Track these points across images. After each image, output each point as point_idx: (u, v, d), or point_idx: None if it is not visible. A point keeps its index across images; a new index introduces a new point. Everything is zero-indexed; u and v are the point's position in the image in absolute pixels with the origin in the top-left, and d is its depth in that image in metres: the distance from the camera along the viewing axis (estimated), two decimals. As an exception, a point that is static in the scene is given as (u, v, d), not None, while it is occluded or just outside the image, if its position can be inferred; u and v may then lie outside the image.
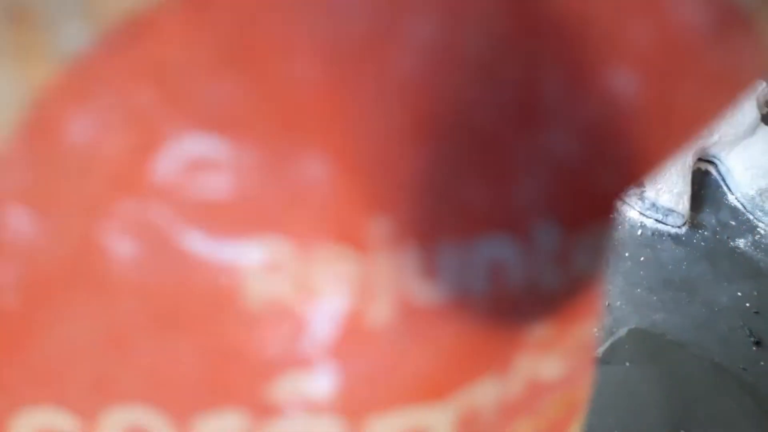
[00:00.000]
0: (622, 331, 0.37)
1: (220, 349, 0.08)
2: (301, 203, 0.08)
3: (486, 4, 0.07)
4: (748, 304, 0.38)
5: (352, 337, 0.08)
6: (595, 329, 0.10)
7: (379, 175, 0.08)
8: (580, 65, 0.08)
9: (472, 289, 0.08)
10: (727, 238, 0.41)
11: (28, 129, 0.08)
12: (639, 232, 0.41)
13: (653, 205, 0.41)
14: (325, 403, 0.08)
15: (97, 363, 0.08)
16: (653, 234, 0.41)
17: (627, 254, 0.40)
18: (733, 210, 0.42)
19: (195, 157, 0.08)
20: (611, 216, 0.08)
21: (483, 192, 0.08)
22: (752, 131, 0.43)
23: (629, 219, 0.41)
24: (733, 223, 0.42)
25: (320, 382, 0.08)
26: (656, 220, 0.41)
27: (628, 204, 0.41)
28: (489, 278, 0.08)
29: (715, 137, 0.42)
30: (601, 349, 0.36)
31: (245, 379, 0.09)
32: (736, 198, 0.42)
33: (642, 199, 0.41)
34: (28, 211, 0.08)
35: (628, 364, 0.36)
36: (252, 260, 0.08)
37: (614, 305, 0.38)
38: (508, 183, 0.08)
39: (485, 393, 0.09)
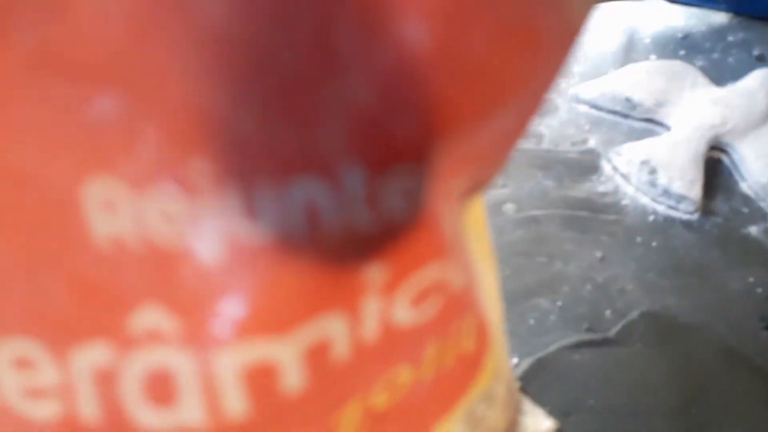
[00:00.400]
0: (634, 314, 0.37)
1: (81, 284, 0.09)
2: (124, 144, 0.08)
3: None
4: (759, 290, 0.39)
5: (193, 273, 0.09)
6: (458, 280, 0.11)
7: (191, 118, 0.08)
8: (373, 15, 0.08)
9: (291, 230, 0.09)
10: (739, 225, 0.41)
11: None
12: (651, 218, 0.41)
13: (666, 191, 0.41)
14: (176, 335, 0.09)
15: None
16: (665, 220, 0.41)
17: (639, 240, 0.40)
18: (745, 197, 0.42)
19: (20, 92, 0.08)
20: (417, 160, 0.09)
21: (291, 137, 0.08)
22: (765, 120, 0.44)
23: (641, 205, 0.41)
24: (745, 210, 0.42)
25: (170, 315, 0.09)
26: (668, 206, 0.41)
27: (641, 190, 0.42)
28: (306, 220, 0.09)
29: (728, 125, 0.43)
30: (613, 331, 0.37)
31: (105, 313, 0.09)
32: (748, 186, 0.43)
33: (654, 185, 0.41)
34: None
35: (639, 345, 0.36)
36: (89, 195, 0.09)
37: (626, 289, 0.38)
38: (313, 128, 0.08)
39: (333, 330, 0.10)
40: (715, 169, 0.43)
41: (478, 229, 0.14)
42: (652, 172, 0.41)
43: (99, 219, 0.09)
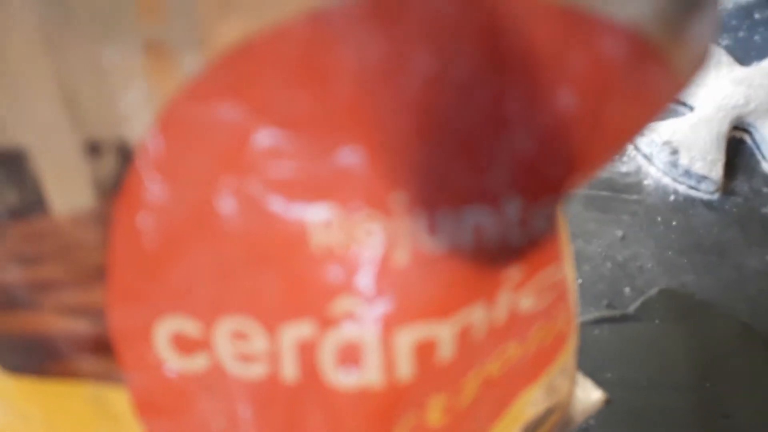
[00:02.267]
0: (653, 291, 0.38)
1: (295, 279, 0.13)
2: (346, 181, 0.12)
3: (466, 43, 0.11)
4: (776, 269, 0.40)
5: (383, 273, 0.13)
6: (567, 275, 0.14)
7: (397, 163, 0.12)
8: (535, 86, 0.11)
9: (461, 243, 0.12)
10: (759, 205, 0.42)
11: (162, 123, 0.11)
12: (672, 198, 0.42)
13: (686, 171, 0.42)
14: (366, 317, 0.13)
15: (213, 286, 0.13)
16: (685, 200, 0.42)
17: (659, 219, 0.41)
18: (766, 178, 0.43)
19: (274, 147, 0.12)
20: (559, 193, 0.12)
21: (468, 176, 0.12)
22: (787, 100, 0.45)
23: (662, 185, 0.43)
24: (766, 190, 0.43)
25: (363, 303, 0.13)
26: (689, 186, 0.42)
27: (662, 171, 0.43)
28: (473, 236, 0.12)
29: (751, 105, 0.44)
30: (632, 308, 0.38)
31: (313, 300, 0.13)
32: (769, 166, 0.44)
33: (676, 166, 0.42)
34: (162, 180, 0.11)
35: (657, 321, 0.37)
36: (313, 218, 0.12)
37: (646, 267, 0.40)
38: (486, 170, 0.12)
39: (477, 315, 0.13)
40: (737, 149, 0.44)
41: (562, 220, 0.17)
42: (674, 152, 0.42)
43: (317, 232, 0.12)
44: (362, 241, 0.12)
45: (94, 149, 0.12)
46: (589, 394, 0.26)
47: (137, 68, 0.11)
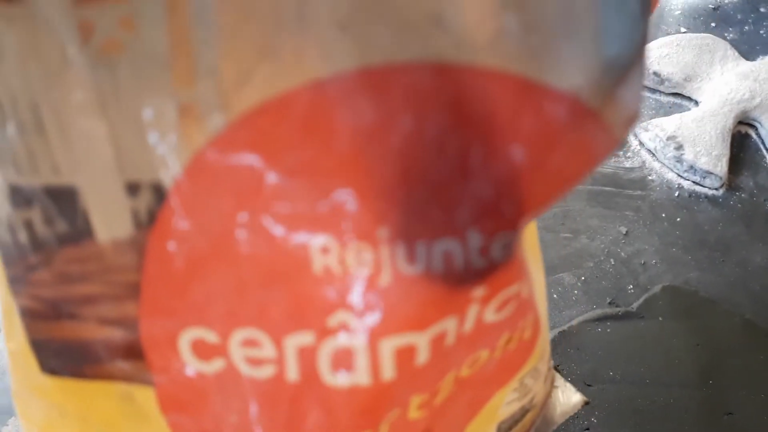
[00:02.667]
0: (657, 288, 0.39)
1: (299, 296, 0.16)
2: (340, 217, 0.15)
3: (438, 108, 0.14)
4: (782, 265, 0.41)
5: (371, 292, 0.16)
6: (533, 291, 0.17)
7: (382, 203, 0.15)
8: (493, 142, 0.15)
9: (434, 267, 0.16)
10: (764, 200, 0.43)
11: (191, 169, 0.14)
12: (676, 193, 0.43)
13: (691, 167, 0.43)
14: (357, 328, 0.16)
15: (228, 303, 0.16)
16: (690, 196, 0.43)
17: (663, 215, 0.42)
18: (771, 173, 0.45)
19: (282, 188, 0.15)
20: (514, 229, 0.16)
21: (439, 214, 0.15)
22: (793, 95, 0.46)
23: (667, 181, 0.44)
24: (771, 185, 0.44)
25: (354, 316, 0.16)
26: (694, 182, 0.43)
27: (667, 166, 0.44)
28: (443, 262, 0.16)
29: (757, 100, 0.45)
30: (635, 305, 0.39)
31: (313, 314, 0.16)
32: (775, 161, 0.45)
33: (681, 161, 0.43)
34: (189, 214, 0.14)
35: (661, 318, 0.38)
36: (314, 247, 0.15)
37: (649, 263, 0.40)
38: (453, 209, 0.15)
39: (449, 325, 0.16)
40: (742, 144, 0.45)
41: (531, 239, 0.21)
42: (679, 147, 0.44)
43: (317, 258, 0.15)
44: (354, 266, 0.15)
45: (133, 189, 0.15)
46: (569, 397, 0.29)
47: (171, 124, 0.14)
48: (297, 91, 0.14)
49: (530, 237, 0.20)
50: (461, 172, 0.14)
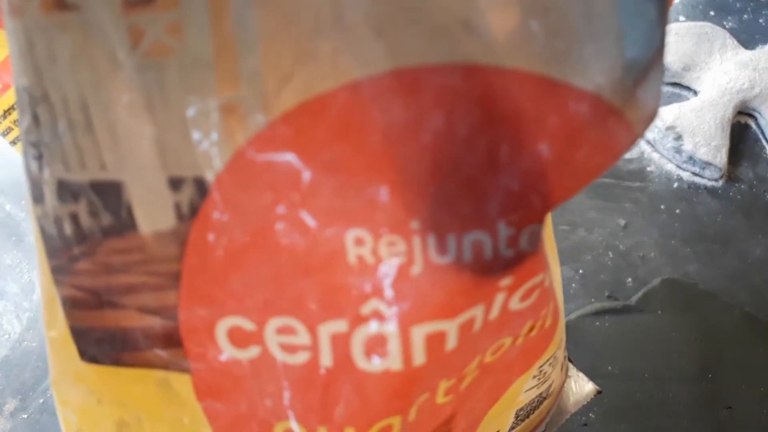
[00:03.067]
0: (656, 281, 0.41)
1: (334, 286, 0.18)
2: (374, 211, 0.16)
3: (468, 106, 0.16)
4: (782, 257, 0.42)
5: (403, 282, 0.17)
6: (553, 281, 0.19)
7: (415, 198, 0.16)
8: (520, 138, 0.16)
9: (463, 258, 0.17)
10: (764, 191, 0.44)
11: (232, 165, 0.17)
12: (675, 185, 0.44)
13: (690, 158, 0.44)
14: (389, 316, 0.17)
15: (265, 293, 0.18)
16: (689, 187, 0.44)
17: (662, 207, 0.43)
18: (771, 163, 0.46)
19: (319, 184, 0.16)
20: (539, 221, 0.17)
21: (469, 207, 0.17)
22: (793, 84, 0.47)
23: (666, 172, 0.45)
24: (770, 176, 0.45)
25: (386, 305, 0.17)
26: (693, 173, 0.45)
27: (666, 157, 0.45)
28: (473, 253, 0.17)
29: (756, 90, 0.46)
30: (634, 298, 0.40)
31: (347, 303, 0.17)
32: (774, 151, 0.46)
33: (680, 152, 0.45)
34: (230, 208, 0.17)
35: (660, 312, 0.39)
36: (348, 237, 0.17)
37: (648, 256, 0.42)
38: (482, 202, 0.16)
39: (477, 313, 0.18)
40: (742, 135, 0.46)
41: (548, 231, 0.23)
42: (678, 138, 0.45)
43: (351, 248, 0.16)
44: (386, 257, 0.16)
45: (176, 183, 0.16)
46: (582, 387, 0.31)
47: (214, 124, 0.16)
48: (333, 93, 0.15)
49: (547, 229, 0.22)
50: (490, 167, 0.16)
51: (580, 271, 0.41)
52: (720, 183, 0.44)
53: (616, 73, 0.15)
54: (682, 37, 0.49)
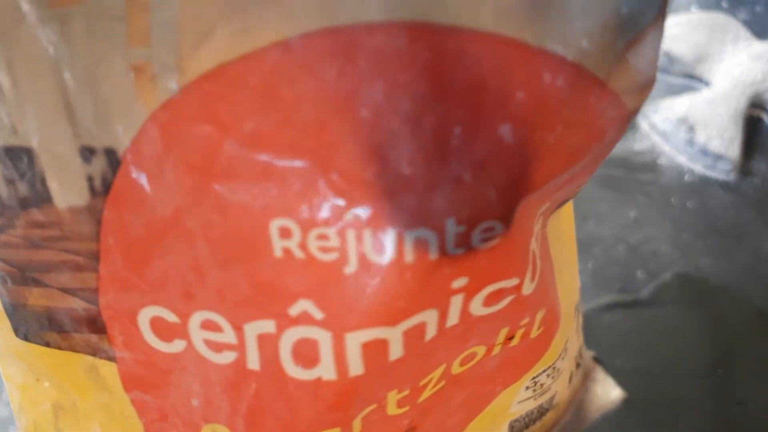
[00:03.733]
0: (667, 275, 0.40)
1: (259, 282, 0.15)
2: (302, 196, 0.14)
3: (413, 76, 0.13)
4: (795, 252, 0.40)
5: (335, 282, 0.15)
6: (531, 287, 0.17)
7: (348, 183, 0.14)
8: (478, 116, 0.13)
9: (408, 257, 0.14)
10: None
11: (145, 134, 0.14)
12: (687, 177, 0.43)
13: (703, 150, 0.43)
14: (320, 320, 0.15)
15: (186, 284, 0.16)
16: (701, 180, 0.43)
17: (674, 200, 0.43)
18: (785, 157, 0.44)
19: (240, 159, 0.14)
20: (497, 217, 0.14)
21: (411, 199, 0.14)
22: (808, 77, 0.46)
23: (677, 164, 0.44)
24: (784, 170, 0.43)
25: (317, 308, 0.15)
26: (705, 166, 0.44)
27: (678, 149, 0.44)
28: (416, 250, 0.14)
29: None
30: (645, 292, 0.39)
31: (274, 302, 0.15)
32: (788, 145, 0.44)
33: (692, 144, 0.44)
34: (144, 182, 0.14)
35: (671, 306, 0.39)
36: (273, 227, 0.14)
37: (659, 250, 0.41)
38: (428, 195, 0.14)
39: (428, 318, 0.15)
40: (755, 128, 0.45)
41: (562, 230, 0.20)
42: (690, 130, 0.44)
43: (276, 240, 0.14)
44: (316, 252, 0.14)
45: (88, 155, 0.14)
46: (608, 392, 0.28)
47: (125, 86, 0.14)
48: (258, 54, 0.13)
49: (557, 230, 0.19)
50: (438, 152, 0.13)
51: (591, 264, 0.40)
52: (732, 177, 0.43)
53: (605, 36, 0.13)
54: (695, 28, 0.47)
